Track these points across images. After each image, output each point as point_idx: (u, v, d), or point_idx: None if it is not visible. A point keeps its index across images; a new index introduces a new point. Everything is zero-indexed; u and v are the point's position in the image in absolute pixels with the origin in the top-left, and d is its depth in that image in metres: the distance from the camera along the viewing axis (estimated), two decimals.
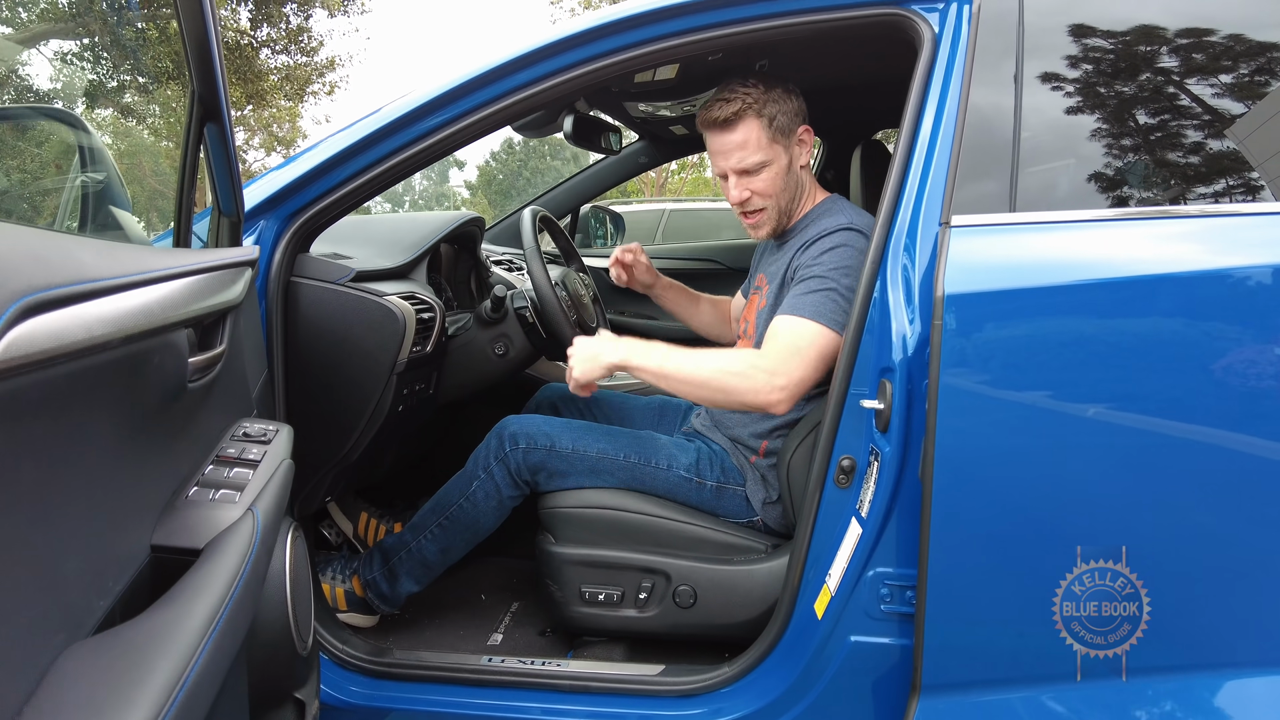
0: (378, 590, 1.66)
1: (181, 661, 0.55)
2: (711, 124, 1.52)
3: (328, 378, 1.41)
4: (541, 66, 1.39)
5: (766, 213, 1.55)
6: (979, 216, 1.17)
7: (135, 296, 0.66)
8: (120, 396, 0.66)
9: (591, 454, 1.56)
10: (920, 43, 1.29)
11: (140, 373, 0.69)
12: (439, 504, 1.64)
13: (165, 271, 0.75)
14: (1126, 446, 1.09)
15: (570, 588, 1.55)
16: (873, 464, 1.24)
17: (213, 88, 0.95)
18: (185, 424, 0.83)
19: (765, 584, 1.48)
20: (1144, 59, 1.22)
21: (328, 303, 1.39)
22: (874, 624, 1.26)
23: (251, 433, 0.96)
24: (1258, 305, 1.08)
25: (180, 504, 0.79)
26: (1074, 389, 1.10)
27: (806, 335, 1.40)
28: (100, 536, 0.65)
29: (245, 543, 0.74)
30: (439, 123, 1.39)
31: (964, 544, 1.15)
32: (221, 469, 0.87)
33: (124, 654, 0.54)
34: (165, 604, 0.62)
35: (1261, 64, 1.19)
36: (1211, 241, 1.13)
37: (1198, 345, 1.08)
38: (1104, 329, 1.11)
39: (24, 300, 0.49)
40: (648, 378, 1.45)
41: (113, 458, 0.67)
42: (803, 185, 1.59)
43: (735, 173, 1.53)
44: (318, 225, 1.41)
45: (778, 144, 1.51)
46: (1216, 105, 1.17)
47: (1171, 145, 1.19)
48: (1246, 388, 1.06)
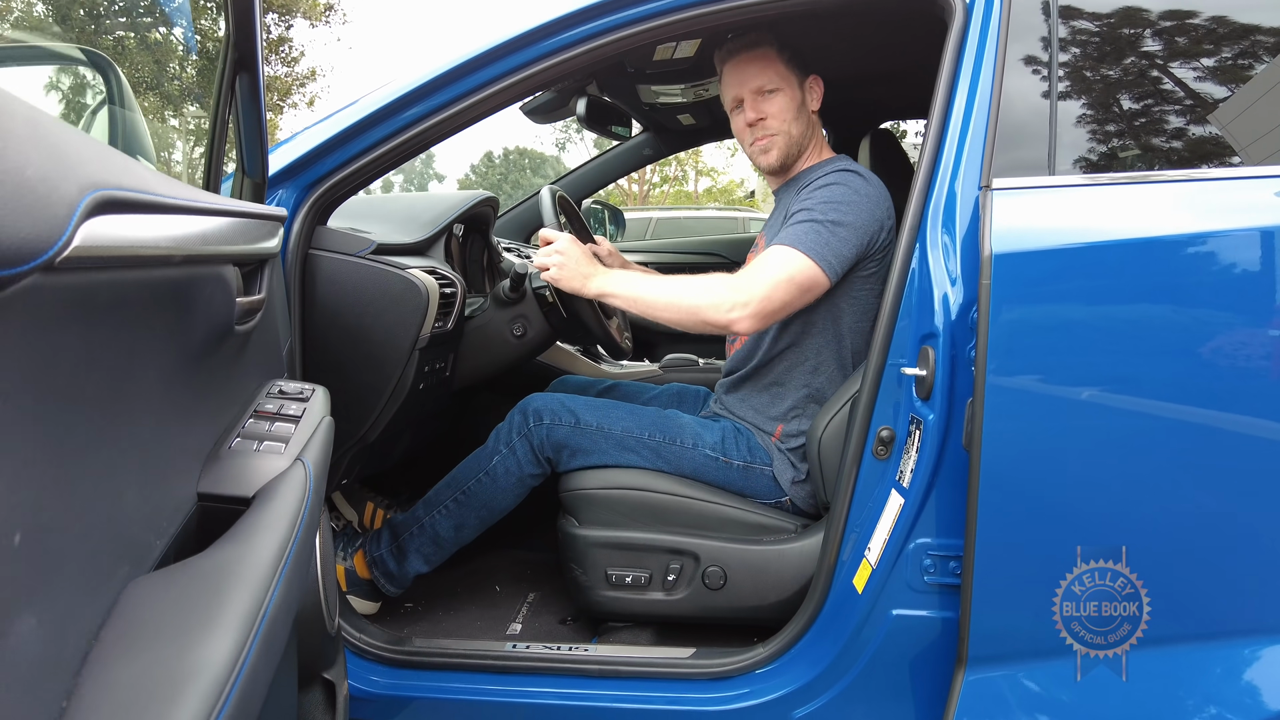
0: (384, 568, 1.61)
1: (260, 591, 0.51)
2: (731, 52, 1.59)
3: (348, 353, 1.37)
4: (569, 34, 1.36)
5: (777, 138, 1.57)
6: (1020, 179, 1.16)
7: (192, 221, 0.63)
8: (174, 324, 0.62)
9: (616, 431, 1.52)
10: (951, 13, 1.28)
11: (194, 302, 0.65)
12: (456, 479, 1.59)
13: (215, 205, 0.71)
14: (1188, 398, 1.07)
15: (596, 571, 1.50)
16: (913, 433, 1.22)
17: (249, 33, 0.92)
18: (229, 371, 0.79)
19: (797, 564, 1.44)
20: (1181, 15, 1.21)
21: (348, 276, 1.35)
22: (917, 596, 1.24)
23: (288, 390, 0.92)
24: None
25: (224, 454, 0.75)
26: (1127, 342, 1.09)
27: (777, 257, 1.42)
28: (155, 473, 0.61)
29: (299, 490, 0.70)
30: (463, 90, 1.36)
31: (1012, 510, 1.13)
32: (262, 423, 0.83)
33: (198, 584, 0.50)
34: (229, 542, 0.58)
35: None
36: (1256, 201, 1.12)
37: (1248, 297, 1.07)
38: (1145, 284, 1.09)
39: (97, 193, 0.46)
40: (621, 304, 1.48)
41: (165, 390, 0.62)
42: (813, 128, 1.62)
43: (752, 93, 1.57)
44: (336, 197, 1.37)
45: (793, 74, 1.57)
46: (1263, 61, 1.17)
47: (1211, 104, 1.19)
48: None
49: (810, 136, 1.62)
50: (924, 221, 1.23)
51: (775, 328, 1.54)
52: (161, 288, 0.58)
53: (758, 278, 1.41)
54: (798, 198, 1.51)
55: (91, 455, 0.50)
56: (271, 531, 0.59)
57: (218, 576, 0.52)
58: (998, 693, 1.17)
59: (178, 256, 0.57)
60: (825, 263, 1.41)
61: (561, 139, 26.24)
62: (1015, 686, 1.17)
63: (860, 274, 1.49)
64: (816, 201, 1.45)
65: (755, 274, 1.43)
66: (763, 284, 1.40)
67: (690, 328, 1.47)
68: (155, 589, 0.50)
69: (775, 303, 1.41)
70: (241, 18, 0.89)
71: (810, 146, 1.62)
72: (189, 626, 0.45)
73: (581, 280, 1.47)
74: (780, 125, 1.56)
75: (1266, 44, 1.18)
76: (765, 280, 1.41)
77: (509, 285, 1.63)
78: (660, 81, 1.98)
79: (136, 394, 0.57)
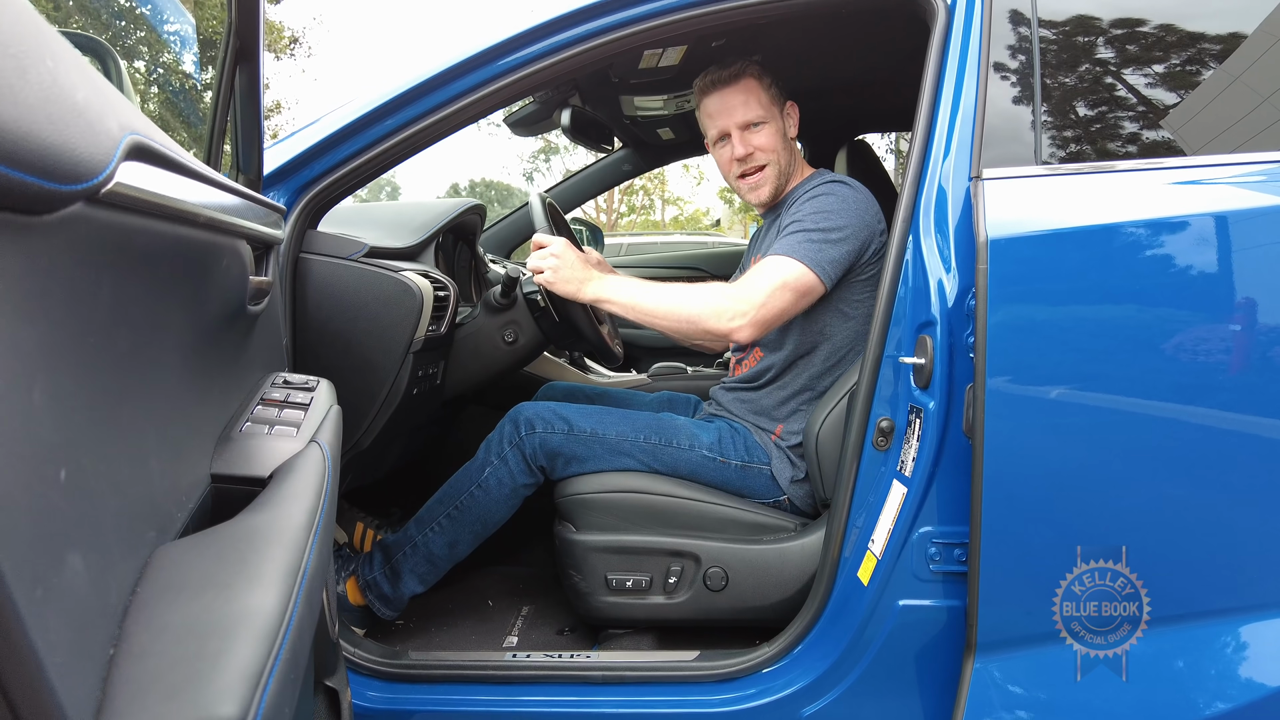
0: (379, 591, 1.56)
1: (297, 550, 0.49)
2: (714, 84, 1.58)
3: (341, 358, 1.34)
4: (556, 38, 1.37)
5: (767, 171, 1.59)
6: (1008, 169, 1.19)
7: (210, 190, 0.61)
8: (195, 290, 0.61)
9: (611, 436, 1.51)
10: (934, 12, 1.32)
11: (213, 270, 0.63)
12: (447, 495, 1.56)
13: (229, 183, 0.70)
14: (1184, 376, 1.09)
15: (595, 576, 1.48)
16: (913, 422, 1.23)
17: (252, 21, 0.91)
18: (237, 355, 0.77)
19: (798, 562, 1.43)
20: (1159, 9, 1.26)
21: (340, 279, 1.33)
22: (923, 586, 1.23)
23: (293, 381, 0.89)
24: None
25: (236, 436, 0.73)
26: (1121, 320, 1.11)
27: (772, 266, 1.45)
28: (174, 446, 0.59)
29: (319, 468, 0.68)
30: (455, 93, 1.35)
31: (1017, 492, 1.14)
32: (270, 409, 0.81)
33: (233, 546, 0.48)
34: (257, 510, 0.56)
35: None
36: (1242, 186, 1.16)
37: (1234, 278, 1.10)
38: (1135, 262, 1.12)
39: (134, 136, 0.45)
40: (618, 310, 1.48)
41: (184, 360, 0.61)
42: (795, 153, 1.65)
43: (738, 128, 1.57)
44: (328, 200, 1.35)
45: (775, 105, 1.58)
46: (1244, 51, 1.21)
47: (1195, 92, 1.23)
48: None
49: (794, 162, 1.64)
50: (916, 212, 1.25)
51: (789, 345, 1.55)
52: (186, 247, 0.56)
53: (755, 286, 1.44)
54: (788, 213, 1.53)
55: (122, 412, 0.48)
56: (299, 500, 0.57)
57: (252, 538, 0.50)
58: (1008, 679, 1.17)
59: (202, 217, 0.56)
60: (819, 268, 1.43)
61: (529, 169, 26.34)
62: (1025, 672, 1.17)
63: (859, 278, 1.51)
64: (806, 213, 1.48)
65: (752, 282, 1.45)
66: (760, 292, 1.42)
67: (688, 336, 1.48)
68: (187, 552, 0.48)
69: (772, 310, 1.43)
70: (245, 3, 0.88)
71: (794, 170, 1.64)
72: (231, 580, 0.43)
73: (577, 285, 1.47)
74: (769, 157, 1.58)
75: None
76: (762, 288, 1.43)
77: (500, 290, 1.62)
78: (644, 92, 2.00)
79: (159, 359, 0.55)
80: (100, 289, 0.43)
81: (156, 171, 0.50)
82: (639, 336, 2.78)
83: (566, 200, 2.81)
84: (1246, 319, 1.09)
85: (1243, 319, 1.09)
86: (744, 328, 1.42)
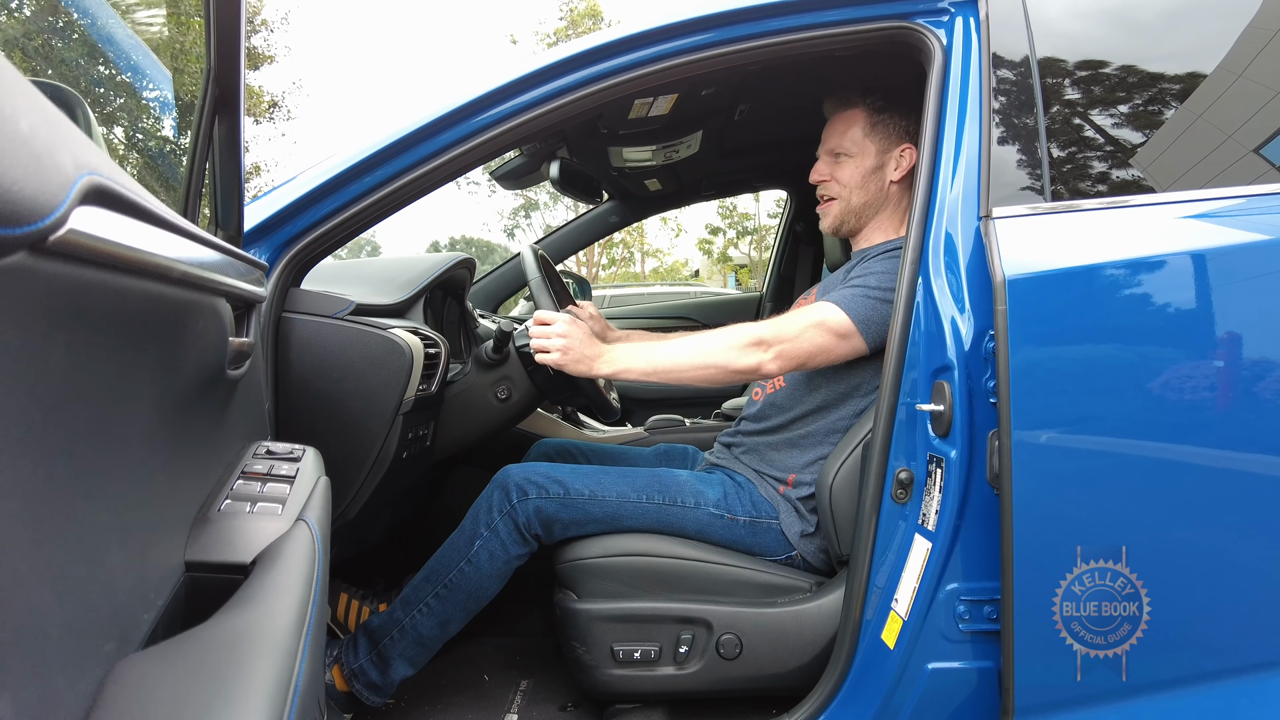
0: (366, 680, 1.45)
1: (286, 661, 0.41)
2: (831, 105, 1.59)
3: (326, 422, 1.26)
4: (546, 87, 1.34)
5: (835, 204, 1.55)
6: (1019, 207, 1.16)
7: (185, 242, 0.55)
8: (167, 352, 0.54)
9: (611, 498, 1.43)
10: (930, 54, 1.30)
11: (188, 331, 0.56)
12: (434, 572, 1.46)
13: (205, 236, 0.64)
14: (1220, 410, 1.05)
15: (600, 648, 1.38)
16: (934, 473, 1.17)
17: (232, 68, 0.86)
18: (215, 425, 0.69)
19: (816, 625, 1.35)
20: (1156, 42, 1.25)
21: (325, 339, 1.26)
22: (953, 647, 1.16)
23: (277, 451, 0.82)
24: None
25: (214, 516, 0.65)
26: (1145, 350, 1.06)
27: (814, 308, 1.40)
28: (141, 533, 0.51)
29: (308, 551, 0.60)
30: (440, 146, 1.31)
31: (1050, 544, 1.07)
32: (252, 484, 0.73)
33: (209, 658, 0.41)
34: (237, 609, 0.48)
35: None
36: (1254, 218, 1.13)
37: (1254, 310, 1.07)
38: (1156, 294, 1.08)
39: (92, 175, 0.38)
40: (638, 377, 1.42)
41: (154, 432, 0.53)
42: (886, 199, 1.54)
43: (827, 152, 1.56)
44: (311, 256, 1.30)
45: (870, 143, 1.52)
46: (1247, 81, 1.20)
47: (1199, 125, 1.21)
48: None
49: (879, 207, 1.55)
50: (925, 254, 1.22)
51: (821, 382, 1.48)
52: (157, 306, 0.50)
53: (790, 321, 1.41)
54: (858, 268, 1.48)
55: (75, 503, 0.40)
56: (287, 594, 0.49)
57: (233, 646, 0.42)
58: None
59: (175, 271, 0.49)
60: (863, 324, 1.37)
61: (509, 225, 26.51)
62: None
63: None
64: (872, 272, 1.42)
65: (788, 317, 1.42)
66: (793, 326, 1.39)
67: (718, 382, 1.42)
68: (153, 667, 0.40)
69: (802, 346, 1.38)
70: (225, 48, 0.83)
71: (878, 218, 1.55)
72: (208, 702, 0.36)
73: (589, 363, 1.40)
74: (840, 190, 1.54)
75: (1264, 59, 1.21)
76: (796, 323, 1.39)
77: (492, 346, 1.56)
78: (633, 143, 1.98)
79: (123, 435, 0.48)
80: (49, 356, 0.36)
81: (121, 219, 0.43)
82: (632, 389, 2.72)
83: (555, 252, 2.77)
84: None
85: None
86: (771, 361, 1.37)
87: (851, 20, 1.34)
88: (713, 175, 2.59)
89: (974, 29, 1.30)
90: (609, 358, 1.41)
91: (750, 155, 2.51)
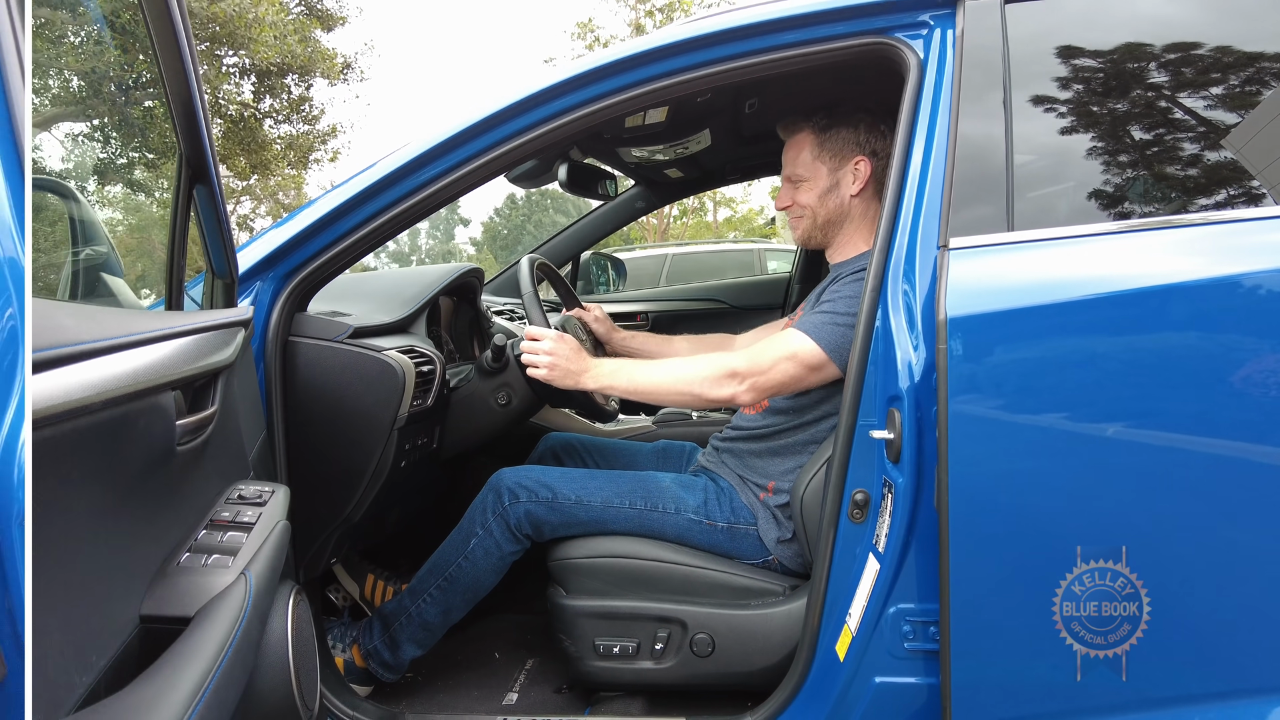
0: (380, 659, 1.62)
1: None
2: (781, 131, 1.65)
3: (328, 437, 1.39)
4: (533, 114, 1.39)
5: (802, 222, 1.60)
6: (977, 238, 1.16)
7: (117, 360, 0.65)
8: (104, 462, 0.64)
9: (596, 502, 1.53)
10: (906, 70, 1.29)
11: (125, 436, 0.67)
12: (437, 565, 1.60)
13: (148, 334, 0.74)
14: (1139, 460, 1.06)
15: (584, 641, 1.50)
16: (887, 496, 1.21)
17: (199, 148, 0.96)
18: (176, 488, 0.81)
19: (784, 628, 1.43)
20: (1130, 75, 1.21)
21: (326, 360, 1.38)
22: (898, 663, 1.22)
23: (247, 495, 0.94)
24: (1262, 312, 1.05)
25: (172, 571, 0.77)
26: (1081, 405, 1.07)
27: (786, 338, 1.44)
28: (84, 608, 0.63)
29: (237, 608, 0.72)
30: (432, 175, 1.39)
31: (985, 571, 1.11)
32: (215, 533, 0.85)
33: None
34: (149, 678, 0.60)
35: (1251, 74, 1.19)
36: (1213, 250, 1.11)
37: (1204, 354, 1.05)
38: (1107, 343, 1.08)
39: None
40: (621, 393, 1.52)
41: (97, 526, 0.65)
42: (848, 213, 1.57)
43: (785, 178, 1.61)
44: (314, 283, 1.41)
45: (821, 164, 1.55)
46: (1209, 116, 1.17)
47: (1166, 157, 1.18)
48: (1255, 395, 1.03)
49: (842, 222, 1.57)
50: (885, 282, 1.23)
51: (807, 409, 1.53)
52: (84, 434, 0.60)
53: (764, 353, 1.44)
54: (830, 288, 1.52)
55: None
56: (193, 665, 0.60)
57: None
58: None
59: (96, 403, 0.59)
60: (834, 352, 1.40)
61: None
62: None
63: None
64: (841, 296, 1.46)
65: (762, 349, 1.46)
66: (766, 359, 1.43)
67: (695, 408, 1.49)
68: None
69: (775, 379, 1.43)
70: (190, 131, 0.93)
71: (843, 232, 1.58)
72: None
73: (574, 378, 1.50)
74: (804, 210, 1.58)
75: (1218, 95, 1.17)
76: (770, 356, 1.43)
77: (490, 356, 1.66)
78: (638, 144, 2.01)
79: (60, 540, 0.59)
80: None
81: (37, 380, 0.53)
82: None
83: (584, 239, 2.84)
84: (1253, 397, 1.04)
85: (1250, 398, 1.04)
86: (745, 393, 1.43)
87: (831, 38, 1.33)
88: (736, 160, 2.59)
89: (949, 44, 1.28)
90: (594, 374, 1.50)
91: (771, 140, 2.49)
